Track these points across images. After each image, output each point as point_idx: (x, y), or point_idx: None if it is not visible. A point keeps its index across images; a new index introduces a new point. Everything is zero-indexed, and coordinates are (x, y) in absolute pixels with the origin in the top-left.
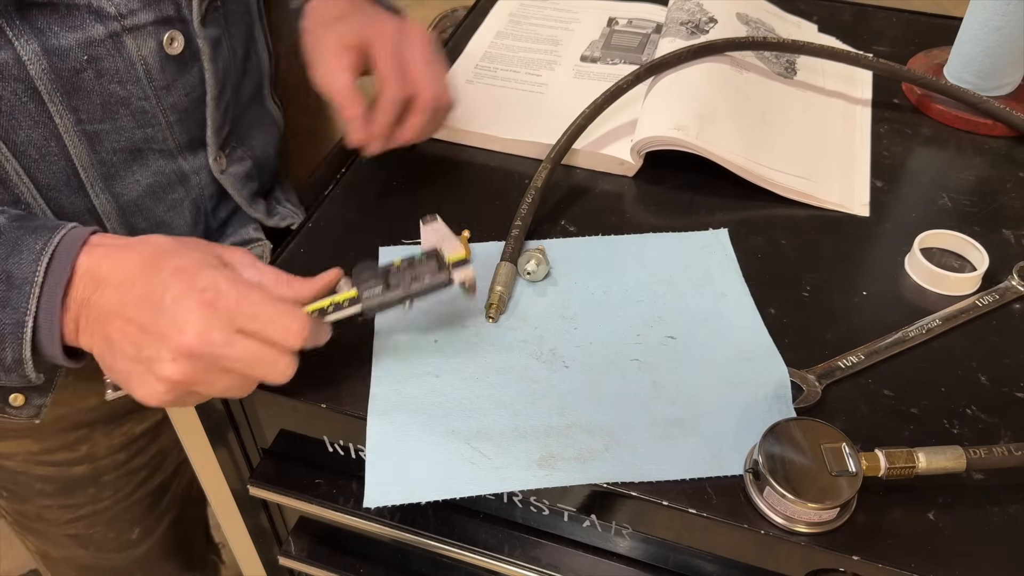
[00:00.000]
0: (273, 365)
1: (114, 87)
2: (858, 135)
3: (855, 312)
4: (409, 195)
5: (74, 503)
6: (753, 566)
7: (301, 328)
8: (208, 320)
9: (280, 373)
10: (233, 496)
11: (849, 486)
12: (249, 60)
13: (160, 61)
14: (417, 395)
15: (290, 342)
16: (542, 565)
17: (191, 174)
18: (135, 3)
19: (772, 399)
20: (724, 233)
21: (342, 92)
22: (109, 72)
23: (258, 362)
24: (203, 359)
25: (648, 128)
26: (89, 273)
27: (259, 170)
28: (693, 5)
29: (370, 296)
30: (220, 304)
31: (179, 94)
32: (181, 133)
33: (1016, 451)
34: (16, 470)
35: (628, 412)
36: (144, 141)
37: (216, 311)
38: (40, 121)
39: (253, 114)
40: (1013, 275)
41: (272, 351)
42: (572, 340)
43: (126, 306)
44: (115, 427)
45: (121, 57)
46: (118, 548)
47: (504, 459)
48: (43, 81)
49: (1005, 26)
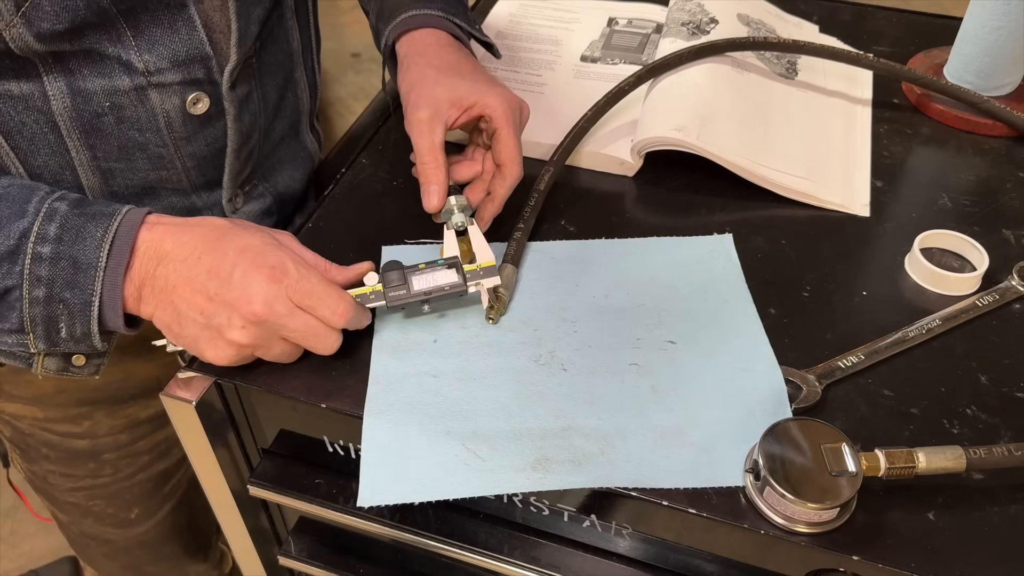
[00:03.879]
0: (325, 339)
1: (133, 133)
2: (858, 135)
3: (855, 312)
4: (409, 195)
5: (75, 474)
6: (753, 566)
7: (347, 309)
8: (274, 292)
9: (329, 347)
10: (233, 496)
11: (849, 486)
12: (284, 102)
13: (183, 117)
14: (414, 395)
15: (336, 321)
16: (542, 565)
17: (204, 209)
18: (164, 62)
19: (771, 415)
20: (729, 239)
21: (432, 152)
22: (130, 120)
23: (313, 334)
24: (267, 326)
25: (649, 129)
26: (152, 249)
27: (280, 205)
28: (694, 6)
29: (394, 292)
30: (284, 280)
31: (199, 145)
32: (198, 176)
33: (1016, 451)
34: (25, 431)
35: (625, 417)
36: (158, 181)
37: (280, 286)
38: (57, 152)
39: (285, 151)
40: (1013, 275)
41: (324, 326)
42: (571, 343)
43: (194, 279)
44: (117, 409)
45: (144, 108)
46: (116, 524)
47: (498, 461)
48: (63, 118)
49: (1005, 26)
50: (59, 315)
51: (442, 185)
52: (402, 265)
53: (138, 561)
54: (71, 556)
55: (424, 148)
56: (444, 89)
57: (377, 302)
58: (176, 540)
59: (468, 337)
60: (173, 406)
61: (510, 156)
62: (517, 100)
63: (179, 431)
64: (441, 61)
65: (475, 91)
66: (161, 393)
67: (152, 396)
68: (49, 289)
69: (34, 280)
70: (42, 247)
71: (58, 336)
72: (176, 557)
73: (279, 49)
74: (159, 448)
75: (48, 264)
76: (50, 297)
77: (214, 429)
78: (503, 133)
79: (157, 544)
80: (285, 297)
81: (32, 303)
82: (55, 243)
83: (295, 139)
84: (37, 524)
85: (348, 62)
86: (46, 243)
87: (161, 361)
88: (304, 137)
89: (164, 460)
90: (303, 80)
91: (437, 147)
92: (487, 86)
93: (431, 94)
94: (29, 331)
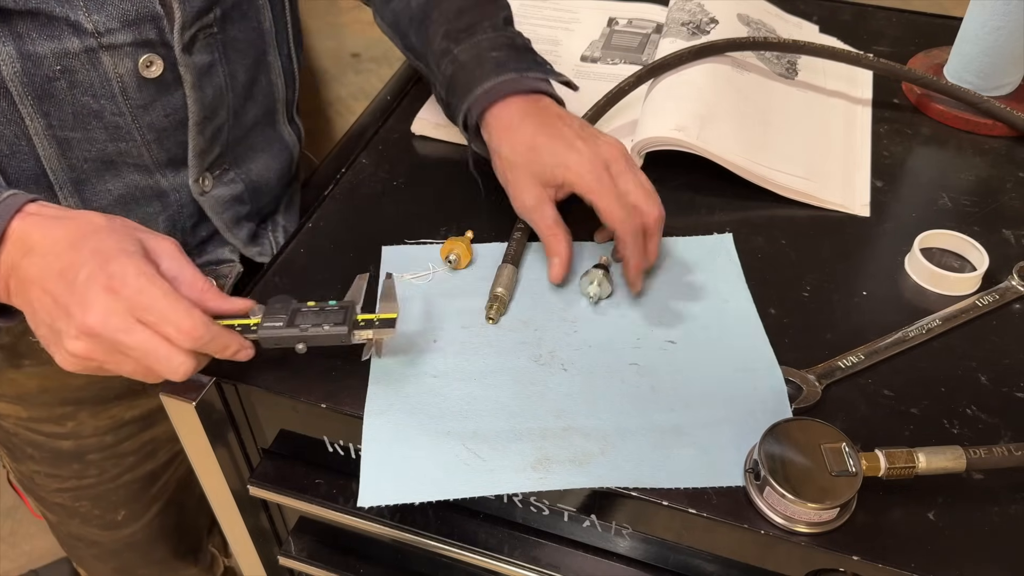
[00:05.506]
0: (168, 360)
1: (87, 99)
2: (858, 135)
3: (855, 312)
4: (409, 195)
5: (60, 474)
6: (753, 566)
7: (193, 327)
8: (110, 305)
9: (173, 369)
10: (233, 496)
11: (849, 486)
12: (256, 85)
13: (137, 81)
14: (415, 395)
15: (180, 340)
16: (542, 565)
17: (170, 191)
18: (114, 22)
19: (771, 415)
20: (729, 238)
21: (548, 228)
22: (82, 85)
23: (153, 354)
24: (103, 341)
25: (649, 129)
26: (21, 239)
27: (253, 194)
28: (694, 6)
29: (269, 328)
30: (123, 292)
31: (158, 115)
32: (159, 151)
33: (1016, 451)
34: (10, 431)
35: (625, 417)
36: (118, 154)
37: (119, 298)
38: (12, 120)
39: (259, 138)
40: (1013, 275)
41: (166, 345)
42: (572, 343)
43: (45, 278)
44: (102, 409)
45: (96, 72)
46: (102, 526)
47: (499, 461)
48: (15, 83)
49: (1005, 26)
50: None
51: (563, 257)
52: (291, 301)
53: (127, 564)
54: None
55: (543, 228)
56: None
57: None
58: (165, 543)
59: (468, 337)
60: (173, 406)
61: (611, 218)
62: (599, 158)
63: (179, 431)
64: (525, 137)
65: (557, 164)
66: (161, 393)
67: (137, 396)
68: None
69: None
70: None
71: None
72: (166, 560)
73: (248, 27)
74: (145, 449)
75: None
76: None
77: (214, 429)
78: (592, 200)
79: (146, 547)
80: (124, 310)
81: None
82: None
83: (271, 127)
84: (37, 524)
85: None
86: None
87: None
88: (281, 128)
89: (150, 461)
90: (277, 65)
91: (553, 224)
92: (567, 151)
93: (525, 182)
94: None
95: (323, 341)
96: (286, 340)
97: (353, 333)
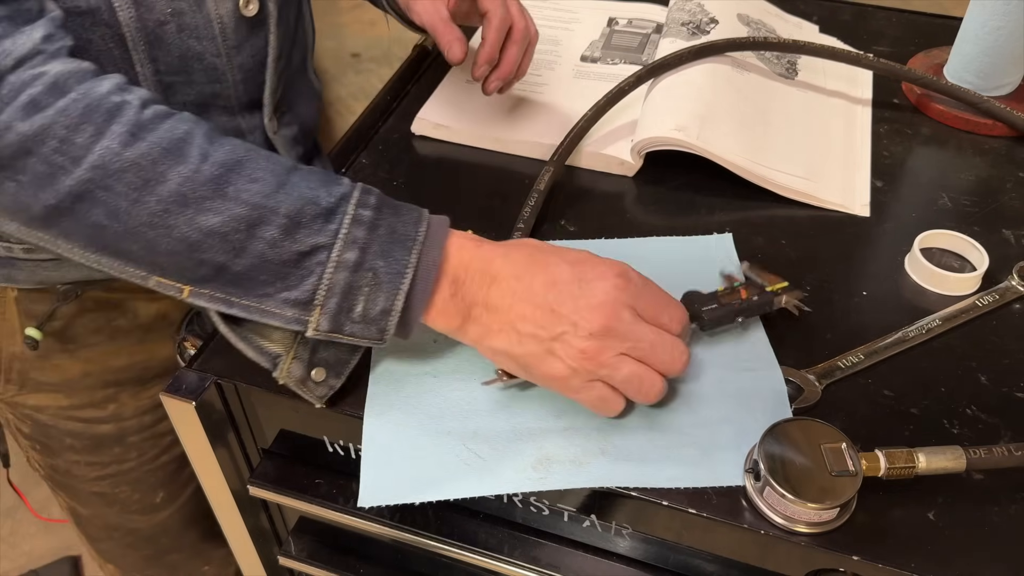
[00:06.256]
0: (671, 350)
1: (192, 42)
2: (858, 135)
3: (855, 312)
4: (409, 195)
5: (100, 461)
6: (753, 566)
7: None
8: (621, 298)
9: (677, 359)
10: (233, 496)
11: (849, 486)
12: (298, 31)
13: (235, 21)
14: (414, 395)
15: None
16: (542, 565)
17: (247, 132)
18: None
19: (771, 415)
20: (728, 238)
21: (442, 24)
22: (189, 27)
23: (659, 345)
24: (611, 335)
25: (649, 128)
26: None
27: (304, 136)
28: (694, 6)
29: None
30: (630, 288)
31: (247, 55)
32: (243, 92)
33: (1016, 451)
34: (47, 423)
35: (626, 416)
36: (212, 96)
37: (627, 293)
38: (123, 68)
39: (300, 82)
40: (1013, 275)
41: (668, 338)
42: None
43: (533, 294)
44: (142, 389)
45: (201, 14)
46: (142, 510)
47: (499, 461)
48: (129, 29)
49: (1005, 26)
50: (363, 285)
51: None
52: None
53: (161, 549)
54: (71, 556)
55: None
56: None
57: None
58: (197, 525)
59: None
60: (173, 406)
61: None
62: None
63: (179, 431)
64: None
65: None
66: (161, 393)
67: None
68: (363, 254)
69: (349, 241)
70: (364, 211)
71: (348, 315)
72: (195, 544)
73: None
74: None
75: (367, 228)
76: (360, 263)
77: (214, 429)
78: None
79: (179, 530)
80: (630, 304)
81: (339, 267)
82: (375, 211)
83: (304, 74)
84: (37, 524)
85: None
86: (367, 208)
87: None
88: (310, 74)
89: None
90: (307, 14)
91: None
92: None
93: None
94: (320, 303)
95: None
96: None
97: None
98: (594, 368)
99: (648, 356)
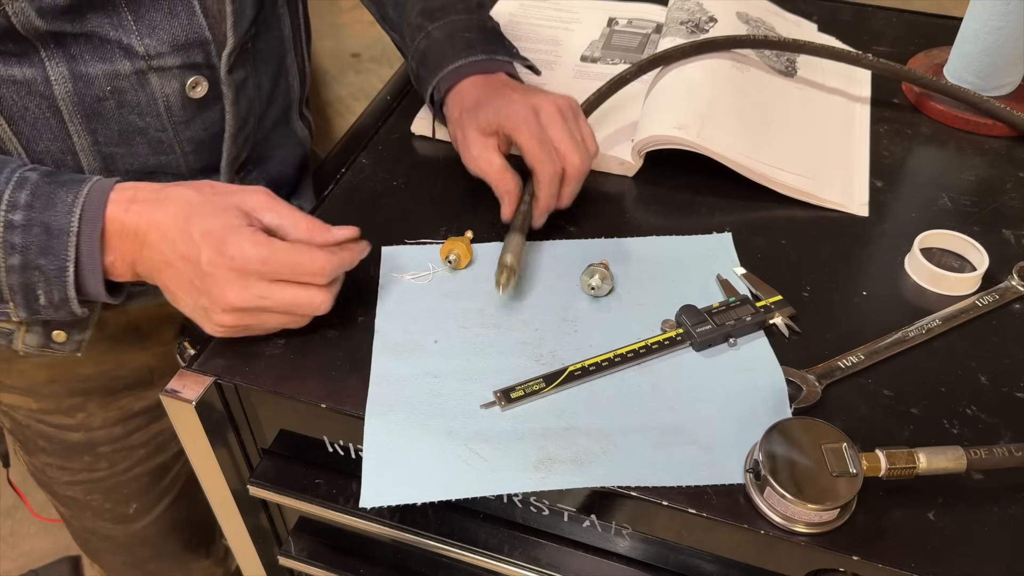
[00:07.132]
0: (310, 303)
1: (133, 118)
2: (858, 135)
3: (855, 312)
4: (409, 195)
5: (71, 467)
6: (753, 566)
7: (322, 266)
8: (242, 282)
9: (316, 308)
10: (233, 496)
11: (850, 487)
12: (277, 89)
13: (182, 101)
14: (416, 395)
15: (316, 280)
16: (542, 565)
17: None
18: (164, 47)
19: (771, 415)
20: (728, 238)
21: (496, 173)
22: (130, 104)
23: (296, 303)
24: (248, 311)
25: (649, 128)
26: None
27: (273, 189)
28: (693, 4)
29: (704, 333)
30: (249, 268)
31: (197, 129)
32: (196, 161)
33: (1016, 451)
34: (23, 423)
35: (626, 416)
36: (158, 166)
37: (247, 274)
38: (60, 137)
39: (277, 136)
40: (1013, 275)
41: (306, 291)
42: (572, 343)
43: (171, 263)
44: (111, 400)
45: (144, 92)
46: (114, 520)
47: (501, 461)
48: (65, 103)
49: (1005, 26)
50: (36, 282)
51: (512, 195)
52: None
53: (140, 558)
54: (71, 556)
55: (491, 173)
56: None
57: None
58: (177, 536)
59: (469, 337)
60: (173, 406)
61: (530, 157)
62: (531, 107)
63: (179, 431)
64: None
65: (495, 112)
66: (161, 393)
67: (146, 387)
68: (24, 256)
69: (8, 248)
70: (13, 214)
71: (38, 304)
72: (177, 554)
73: (272, 36)
74: (155, 441)
75: (21, 231)
76: (25, 264)
77: (214, 429)
78: (517, 140)
79: (158, 540)
80: (257, 279)
81: (9, 271)
82: (26, 210)
83: (286, 125)
84: (37, 524)
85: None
86: (17, 210)
87: (155, 351)
88: (294, 124)
89: (161, 454)
90: (294, 67)
91: (500, 169)
92: (506, 103)
93: (466, 138)
94: (9, 299)
95: (746, 331)
96: (718, 339)
97: (765, 319)
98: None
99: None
